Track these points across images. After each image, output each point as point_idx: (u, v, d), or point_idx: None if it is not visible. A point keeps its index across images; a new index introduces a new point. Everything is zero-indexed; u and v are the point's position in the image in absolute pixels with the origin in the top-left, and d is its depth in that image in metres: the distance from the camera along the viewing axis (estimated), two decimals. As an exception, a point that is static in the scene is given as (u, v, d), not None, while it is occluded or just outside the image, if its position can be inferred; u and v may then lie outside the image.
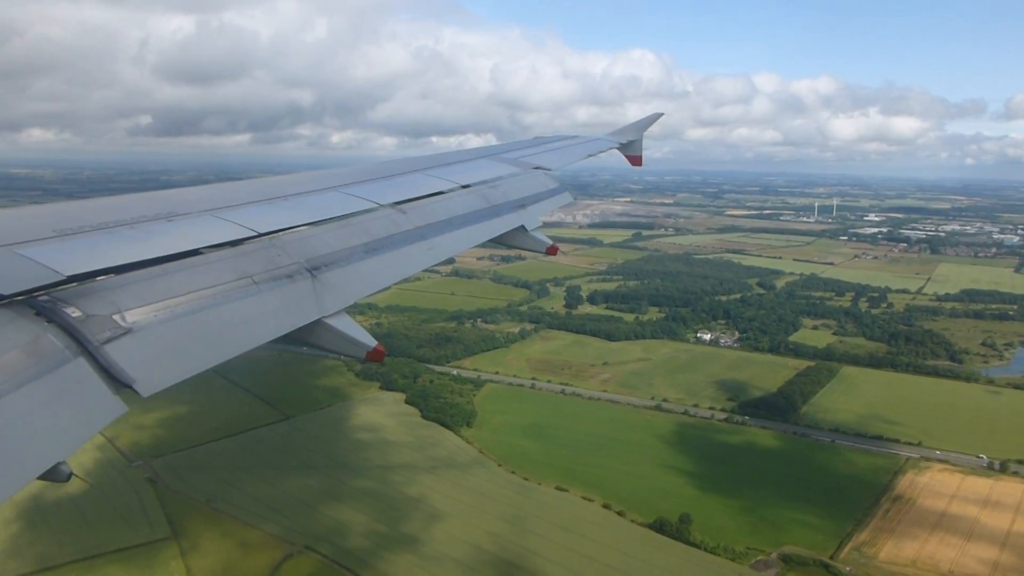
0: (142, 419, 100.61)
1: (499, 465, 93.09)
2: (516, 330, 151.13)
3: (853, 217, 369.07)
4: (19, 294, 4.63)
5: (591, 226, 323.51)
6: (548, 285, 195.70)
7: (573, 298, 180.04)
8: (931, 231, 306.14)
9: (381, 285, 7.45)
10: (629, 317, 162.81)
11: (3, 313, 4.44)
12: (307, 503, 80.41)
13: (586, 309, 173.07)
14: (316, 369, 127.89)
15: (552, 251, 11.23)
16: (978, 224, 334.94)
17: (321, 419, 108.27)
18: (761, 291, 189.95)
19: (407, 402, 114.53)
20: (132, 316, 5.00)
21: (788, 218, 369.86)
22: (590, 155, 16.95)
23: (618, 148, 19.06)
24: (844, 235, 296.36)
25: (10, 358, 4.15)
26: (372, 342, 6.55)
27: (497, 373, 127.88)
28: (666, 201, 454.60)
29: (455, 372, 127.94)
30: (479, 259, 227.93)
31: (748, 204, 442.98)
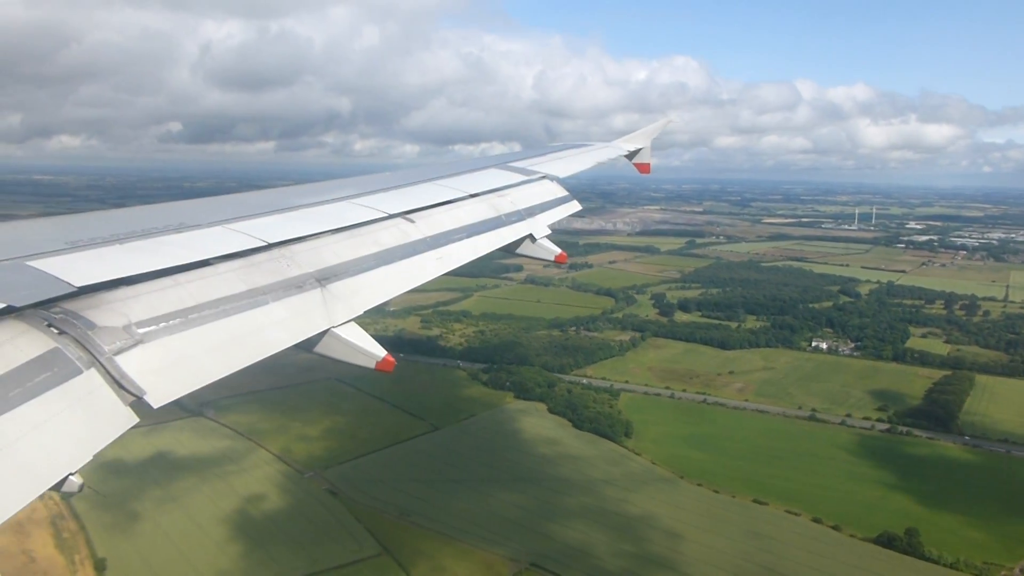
0: (307, 430, 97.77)
1: (681, 478, 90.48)
2: (626, 338, 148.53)
3: (893, 225, 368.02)
4: (31, 306, 4.59)
5: (638, 234, 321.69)
6: (631, 293, 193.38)
7: (663, 306, 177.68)
8: (981, 239, 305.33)
9: (391, 295, 7.41)
10: (731, 325, 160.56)
11: (15, 324, 4.42)
12: (518, 520, 77.31)
13: (681, 317, 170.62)
14: (443, 379, 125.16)
15: (561, 259, 10.73)
16: (1021, 232, 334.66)
17: (473, 429, 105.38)
18: (848, 299, 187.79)
19: (551, 412, 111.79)
20: (143, 327, 4.95)
21: (829, 225, 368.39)
22: (599, 162, 16.27)
23: (626, 156, 18.23)
24: (899, 243, 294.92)
25: (22, 369, 4.13)
26: (382, 352, 6.51)
27: (627, 382, 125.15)
28: (695, 209, 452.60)
29: (584, 381, 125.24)
30: (545, 267, 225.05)
31: (779, 212, 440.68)
